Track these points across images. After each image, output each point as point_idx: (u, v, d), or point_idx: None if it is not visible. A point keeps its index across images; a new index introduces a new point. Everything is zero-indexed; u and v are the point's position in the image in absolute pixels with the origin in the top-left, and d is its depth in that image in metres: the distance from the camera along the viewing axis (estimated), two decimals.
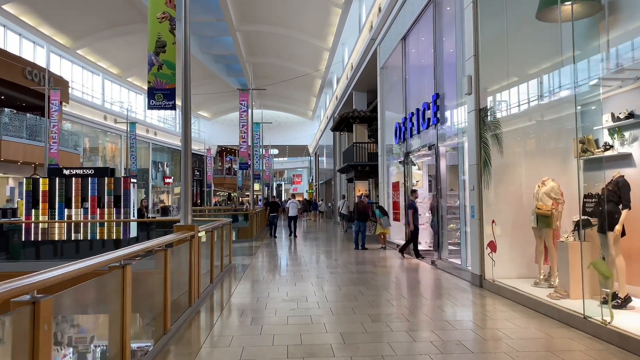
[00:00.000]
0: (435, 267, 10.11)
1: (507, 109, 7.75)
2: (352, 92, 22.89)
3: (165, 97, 6.34)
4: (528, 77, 7.87)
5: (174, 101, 6.46)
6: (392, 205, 14.77)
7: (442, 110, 10.02)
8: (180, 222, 6.44)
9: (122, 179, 12.20)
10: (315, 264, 10.80)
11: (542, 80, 7.60)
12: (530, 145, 7.81)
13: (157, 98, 6.33)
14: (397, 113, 14.46)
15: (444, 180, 10.32)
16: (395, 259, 11.52)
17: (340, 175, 27.62)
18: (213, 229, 8.14)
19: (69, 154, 25.35)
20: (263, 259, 11.92)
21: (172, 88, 6.40)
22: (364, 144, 21.60)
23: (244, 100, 18.86)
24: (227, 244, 10.33)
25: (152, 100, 6.35)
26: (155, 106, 6.32)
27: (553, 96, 7.45)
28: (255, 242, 16.61)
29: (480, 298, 7.01)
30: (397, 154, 14.71)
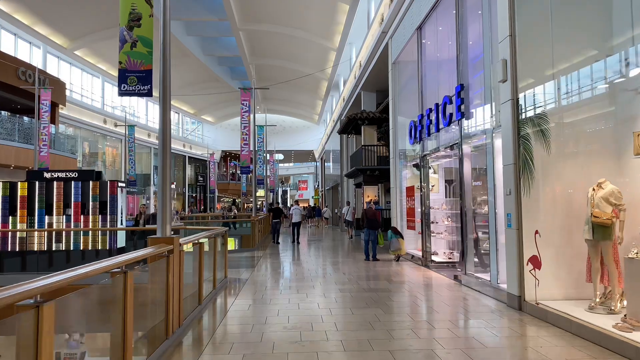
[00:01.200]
0: (459, 282, 8.85)
1: (555, 100, 6.51)
2: (361, 92, 21.70)
3: (139, 80, 5.18)
4: (577, 62, 6.63)
5: (150, 86, 5.30)
6: (405, 213, 13.53)
7: (467, 103, 8.79)
8: (157, 233, 5.25)
9: (109, 183, 11.06)
10: (321, 279, 9.56)
11: (596, 65, 6.36)
12: (580, 141, 6.55)
13: (130, 82, 5.17)
14: (411, 112, 13.27)
15: (469, 184, 9.07)
16: (412, 273, 10.27)
17: (348, 181, 26.38)
18: (202, 240, 6.94)
19: (65, 158, 24.35)
20: (264, 272, 10.70)
21: (148, 70, 5.24)
22: (373, 147, 20.38)
23: (245, 100, 17.73)
24: (222, 256, 9.13)
25: (124, 84, 5.19)
26: (127, 92, 5.16)
27: (608, 84, 6.21)
28: (258, 252, 15.39)
29: (524, 326, 5.74)
30: (411, 156, 13.49)
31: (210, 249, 7.88)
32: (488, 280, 8.05)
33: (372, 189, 20.88)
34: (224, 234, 9.11)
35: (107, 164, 33.39)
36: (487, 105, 8.07)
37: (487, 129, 8.10)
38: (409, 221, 12.91)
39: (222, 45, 33.42)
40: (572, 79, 6.45)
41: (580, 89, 6.39)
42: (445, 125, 9.58)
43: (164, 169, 5.31)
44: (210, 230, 8.49)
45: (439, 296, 7.68)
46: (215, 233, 7.89)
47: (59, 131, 25.29)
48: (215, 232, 7.98)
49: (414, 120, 12.02)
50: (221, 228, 8.90)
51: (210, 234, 7.59)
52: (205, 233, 7.41)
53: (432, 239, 11.44)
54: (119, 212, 11.03)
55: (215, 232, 7.90)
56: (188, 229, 10.64)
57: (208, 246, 7.90)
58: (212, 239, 7.85)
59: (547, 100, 6.44)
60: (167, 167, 5.32)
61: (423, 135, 11.40)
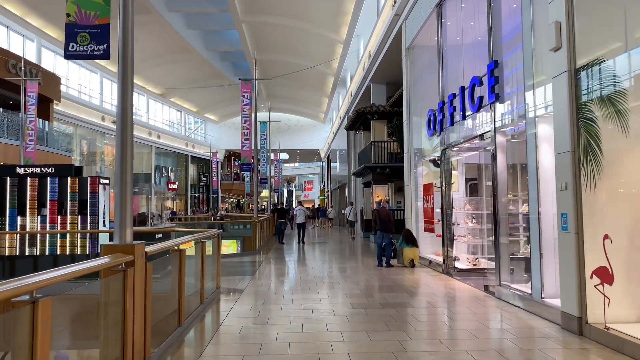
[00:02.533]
0: (492, 295, 7.51)
1: (628, 75, 5.15)
2: (370, 85, 20.38)
3: (93, 38, 3.93)
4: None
5: (107, 45, 4.03)
6: (421, 214, 12.19)
7: (502, 84, 7.45)
8: (114, 239, 3.96)
9: (89, 180, 9.80)
10: (329, 290, 8.25)
11: None
12: None
13: (81, 40, 3.91)
14: (428, 101, 11.94)
15: (503, 179, 7.72)
16: (433, 282, 8.93)
17: (355, 180, 25.06)
18: (185, 246, 5.66)
19: (59, 156, 23.18)
20: (264, 281, 9.39)
21: (105, 25, 3.98)
22: (383, 143, 19.05)
23: (246, 92, 16.45)
24: (214, 262, 7.84)
25: (73, 43, 3.93)
26: (77, 53, 3.91)
27: None
28: (259, 256, 14.10)
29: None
30: (428, 151, 12.17)
31: (197, 255, 6.60)
32: (529, 293, 6.71)
33: (382, 188, 19.54)
34: (216, 237, 7.82)
35: (106, 163, 32.26)
36: (527, 85, 6.75)
37: (526, 113, 6.77)
38: (426, 223, 11.56)
39: (225, 39, 32.22)
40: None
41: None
42: (473, 110, 8.24)
43: (124, 157, 4.03)
44: (200, 233, 7.20)
45: (474, 314, 6.34)
46: (204, 236, 6.59)
47: (54, 129, 24.18)
48: (204, 235, 6.69)
49: (433, 109, 10.68)
50: (213, 231, 7.62)
51: (197, 238, 6.30)
52: (188, 237, 6.13)
53: (454, 242, 10.10)
54: (100, 212, 9.77)
55: (204, 236, 6.60)
56: (176, 231, 9.38)
57: (196, 251, 6.62)
58: (200, 243, 6.55)
59: (621, 75, 5.08)
60: (128, 159, 4.04)
61: (444, 125, 10.06)
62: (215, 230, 7.62)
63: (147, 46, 30.04)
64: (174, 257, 5.35)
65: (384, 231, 11.22)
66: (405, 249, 11.13)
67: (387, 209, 11.57)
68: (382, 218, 11.19)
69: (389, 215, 11.32)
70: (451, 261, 10.00)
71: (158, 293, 5.21)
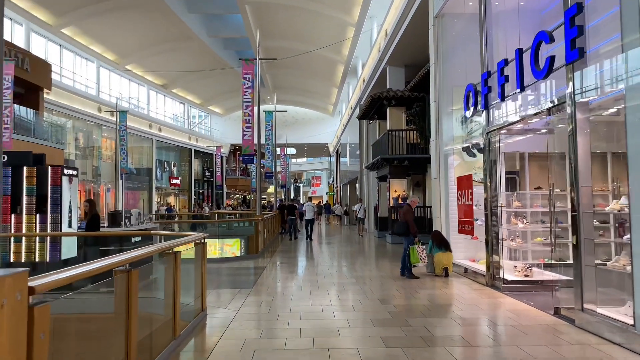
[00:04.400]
0: (571, 323, 5.55)
1: None
2: (386, 68, 18.37)
3: None
4: None
5: None
6: (454, 211, 10.24)
7: (586, 37, 5.46)
8: None
9: (50, 170, 7.95)
10: (349, 313, 6.33)
11: None
12: None
13: None
14: (462, 78, 10.00)
15: (586, 167, 5.73)
16: (480, 300, 6.98)
17: (368, 174, 23.09)
18: (137, 262, 3.78)
19: (49, 149, 21.43)
20: (264, 297, 7.50)
21: None
22: (401, 132, 17.07)
23: (248, 73, 14.54)
24: (199, 276, 5.96)
25: None
26: None
27: None
28: (262, 260, 12.23)
29: None
30: (461, 137, 10.22)
31: (167, 271, 4.72)
32: (630, 324, 4.77)
33: (400, 183, 17.57)
34: (201, 242, 5.93)
35: (103, 157, 30.53)
36: (627, 37, 4.79)
37: (628, 77, 4.81)
38: (461, 223, 9.60)
39: (228, 25, 30.30)
40: None
41: None
42: (538, 76, 6.23)
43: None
44: (173, 240, 5.32)
45: (560, 357, 4.39)
46: (168, 246, 4.71)
47: (43, 118, 22.45)
48: (171, 244, 4.80)
49: (473, 83, 8.69)
50: (196, 235, 5.73)
51: (162, 248, 4.41)
52: (150, 248, 4.23)
53: (500, 248, 8.14)
54: (64, 209, 7.92)
55: (168, 245, 4.72)
56: (159, 234, 7.49)
57: (165, 269, 4.75)
58: (170, 255, 4.67)
59: None
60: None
61: (490, 101, 8.09)
62: (198, 235, 5.72)
63: (145, 32, 28.25)
64: (119, 281, 3.46)
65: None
66: (437, 254, 9.18)
67: (409, 207, 9.51)
68: (398, 217, 9.15)
69: (405, 215, 9.27)
70: (497, 271, 8.06)
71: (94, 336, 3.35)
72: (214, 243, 11.97)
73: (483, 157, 8.49)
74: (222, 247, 12.63)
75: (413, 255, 8.91)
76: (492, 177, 8.23)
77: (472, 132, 10.06)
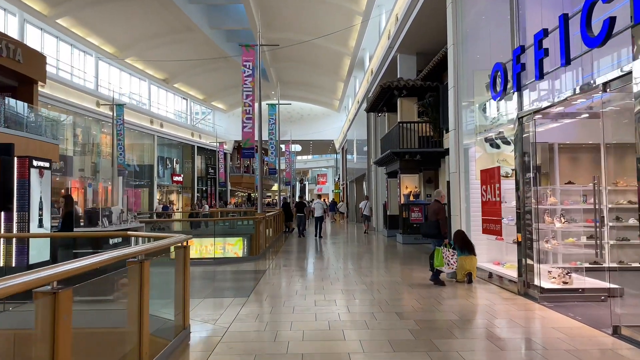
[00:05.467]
0: (635, 345, 4.46)
1: None
2: (397, 57, 17.24)
3: None
4: None
5: None
6: (476, 208, 9.14)
7: None
8: None
9: (16, 161, 6.94)
10: (362, 331, 5.27)
11: None
12: None
13: None
14: (483, 61, 8.93)
15: None
16: (516, 312, 5.89)
17: (377, 170, 22.00)
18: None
19: (45, 144, 20.51)
20: (264, 307, 6.45)
21: None
22: (412, 125, 15.96)
23: (248, 60, 13.49)
24: (178, 288, 4.92)
25: None
26: None
27: None
28: (263, 262, 11.18)
29: None
30: (483, 127, 9.13)
31: (133, 284, 3.68)
32: None
33: (412, 179, 16.47)
34: (182, 246, 4.89)
35: (103, 153, 29.62)
36: None
37: None
38: (487, 222, 8.49)
39: (230, 16, 29.27)
40: None
41: None
42: (593, 44, 5.11)
43: None
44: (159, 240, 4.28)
45: None
46: (133, 253, 3.67)
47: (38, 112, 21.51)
48: (138, 250, 3.76)
49: (502, 62, 7.58)
50: (176, 237, 4.70)
51: (117, 257, 3.36)
52: (94, 259, 3.19)
53: (533, 250, 7.05)
54: (33, 207, 6.91)
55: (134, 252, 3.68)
56: (137, 236, 6.47)
57: (130, 279, 3.71)
58: (136, 264, 3.63)
59: None
60: None
61: (523, 80, 6.98)
62: (177, 237, 4.69)
63: (144, 24, 27.25)
64: (41, 306, 2.42)
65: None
66: (460, 257, 8.08)
67: (439, 204, 8.37)
68: (427, 216, 8.04)
69: (438, 213, 8.15)
70: (530, 277, 6.97)
71: None
72: (209, 244, 10.96)
73: (514, 147, 7.39)
74: (221, 248, 11.62)
75: (437, 258, 7.83)
76: (525, 169, 7.13)
77: (497, 120, 8.98)
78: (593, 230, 7.73)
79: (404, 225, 15.36)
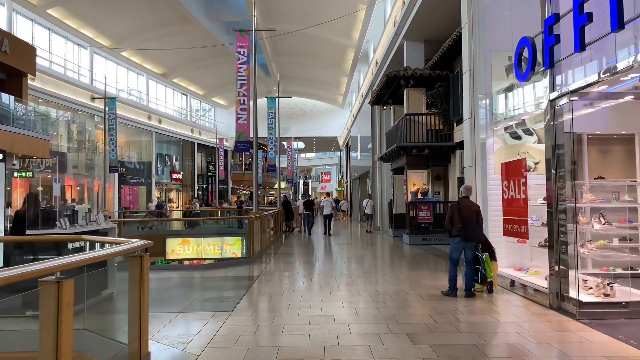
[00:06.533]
0: None
1: None
2: (404, 44, 16.14)
3: None
4: None
5: None
6: (495, 207, 8.07)
7: None
8: None
9: None
10: (371, 356, 4.22)
11: None
12: None
13: None
14: (504, 41, 7.89)
15: None
16: (554, 334, 4.82)
17: (382, 167, 20.93)
18: None
19: (34, 139, 19.57)
20: (244, 328, 5.41)
21: None
22: (420, 117, 14.87)
23: (243, 46, 12.45)
24: (132, 309, 3.88)
25: None
26: None
27: None
28: (256, 267, 10.14)
29: None
30: (502, 116, 8.10)
31: (47, 316, 2.64)
32: None
33: (419, 175, 15.38)
34: (138, 255, 3.85)
35: (98, 150, 28.66)
36: None
37: None
38: (509, 222, 7.41)
39: (230, 8, 28.24)
40: None
41: None
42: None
43: None
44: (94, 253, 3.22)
45: None
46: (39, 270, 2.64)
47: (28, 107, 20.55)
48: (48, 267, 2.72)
49: (529, 36, 6.48)
50: (127, 246, 3.68)
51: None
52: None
53: (568, 255, 5.97)
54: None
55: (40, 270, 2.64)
56: (91, 240, 5.42)
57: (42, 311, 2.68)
58: (51, 285, 2.60)
59: None
60: None
61: (556, 56, 5.89)
62: (130, 245, 3.65)
63: (140, 15, 26.23)
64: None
65: (468, 240, 6.84)
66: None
67: (473, 202, 7.24)
68: (465, 216, 6.82)
69: (478, 213, 7.01)
70: (565, 287, 5.90)
71: None
72: (197, 246, 9.96)
73: (545, 135, 6.30)
74: (210, 250, 10.60)
75: (490, 268, 6.80)
76: (559, 161, 6.05)
77: (519, 107, 7.93)
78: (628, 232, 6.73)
79: (411, 225, 14.30)
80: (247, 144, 12.37)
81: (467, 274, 6.78)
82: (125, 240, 4.35)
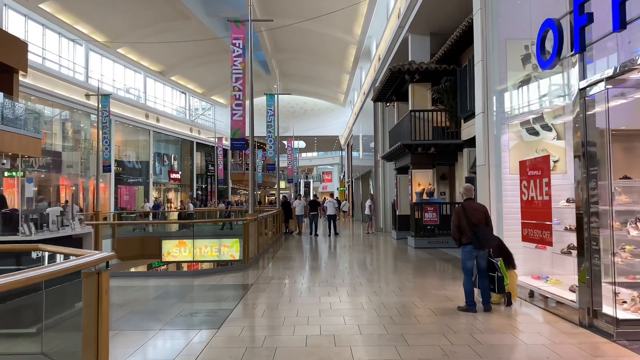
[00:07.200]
0: None
1: None
2: (408, 37, 15.41)
3: None
4: None
5: None
6: (512, 210, 7.35)
7: None
8: None
9: None
10: None
11: None
12: None
13: None
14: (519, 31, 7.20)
15: None
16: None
17: (384, 166, 20.20)
18: None
19: (24, 137, 18.89)
20: (231, 352, 4.70)
21: None
22: (426, 114, 14.14)
23: (238, 38, 11.77)
24: (88, 338, 3.16)
25: None
26: None
27: None
28: (251, 272, 9.42)
29: None
30: (521, 109, 7.41)
31: None
32: None
33: (425, 175, 14.64)
34: (94, 272, 3.14)
35: (94, 150, 27.99)
36: None
37: None
38: (529, 227, 6.69)
39: (229, 2, 27.54)
40: None
41: None
42: None
43: None
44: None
45: None
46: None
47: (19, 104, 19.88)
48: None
49: (554, 18, 5.76)
50: (76, 262, 2.98)
51: None
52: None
53: (602, 265, 5.26)
54: None
55: None
56: (49, 251, 4.72)
57: None
58: None
59: None
60: None
61: (586, 39, 5.17)
62: (90, 258, 2.96)
63: (137, 11, 25.52)
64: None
65: (483, 247, 6.00)
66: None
67: (477, 203, 6.52)
68: (474, 222, 5.99)
69: (486, 214, 6.23)
70: (596, 302, 5.18)
71: None
72: (188, 250, 9.26)
73: (574, 129, 5.58)
74: (202, 254, 9.91)
75: (505, 273, 6.10)
76: (590, 158, 5.33)
77: (536, 100, 7.24)
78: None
79: (416, 227, 13.58)
80: (243, 141, 11.68)
81: (482, 284, 6.06)
82: (86, 251, 3.64)
